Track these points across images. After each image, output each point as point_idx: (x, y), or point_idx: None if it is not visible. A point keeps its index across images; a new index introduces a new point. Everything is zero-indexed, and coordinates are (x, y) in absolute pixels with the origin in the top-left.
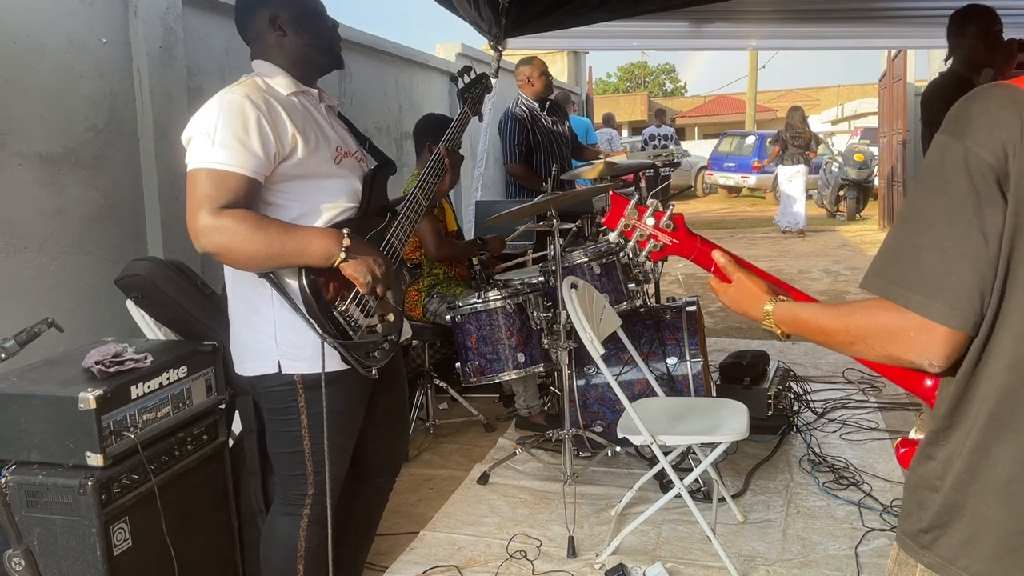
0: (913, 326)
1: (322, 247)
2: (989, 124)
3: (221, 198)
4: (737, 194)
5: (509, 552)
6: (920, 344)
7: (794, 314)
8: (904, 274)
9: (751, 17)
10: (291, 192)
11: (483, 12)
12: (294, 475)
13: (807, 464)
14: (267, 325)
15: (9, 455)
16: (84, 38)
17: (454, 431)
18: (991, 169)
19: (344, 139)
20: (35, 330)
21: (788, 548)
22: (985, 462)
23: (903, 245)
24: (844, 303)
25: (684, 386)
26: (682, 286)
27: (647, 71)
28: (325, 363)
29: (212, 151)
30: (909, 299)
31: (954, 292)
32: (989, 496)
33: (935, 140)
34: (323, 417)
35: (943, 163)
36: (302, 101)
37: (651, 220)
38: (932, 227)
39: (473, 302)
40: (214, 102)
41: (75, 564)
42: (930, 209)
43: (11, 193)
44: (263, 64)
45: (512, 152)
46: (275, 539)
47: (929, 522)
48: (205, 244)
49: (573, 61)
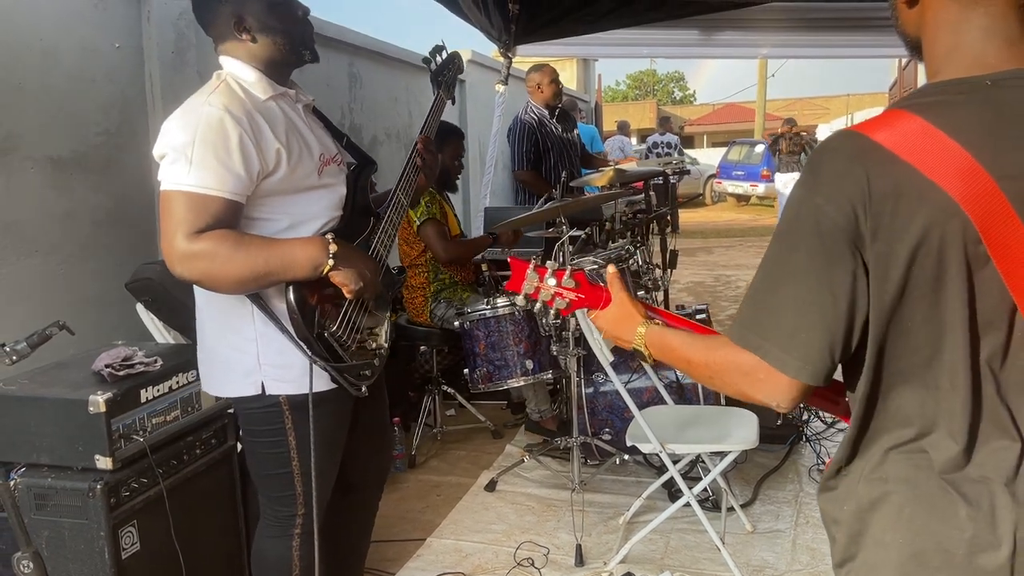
0: (763, 370)
1: (308, 256)
2: (837, 180)
3: (199, 222)
4: (746, 203)
5: (516, 560)
6: (769, 387)
7: (664, 340)
8: (761, 326)
9: (762, 25)
10: (275, 206)
11: (493, 19)
12: (283, 496)
13: (816, 474)
14: (248, 344)
15: (19, 457)
16: (97, 43)
17: (461, 437)
18: (840, 230)
19: (325, 143)
20: (46, 333)
21: (797, 558)
22: (882, 487)
23: (761, 298)
24: (707, 336)
25: (693, 394)
26: (692, 294)
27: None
28: (312, 384)
29: (189, 172)
30: (767, 351)
31: (805, 348)
32: (885, 521)
33: (793, 191)
34: (311, 438)
35: (797, 219)
36: (281, 106)
37: (552, 280)
38: (786, 283)
39: (482, 308)
40: (190, 115)
41: (83, 567)
42: (787, 265)
43: (22, 196)
44: (233, 63)
45: (521, 159)
46: (268, 562)
47: (840, 556)
48: (182, 272)
49: (582, 69)
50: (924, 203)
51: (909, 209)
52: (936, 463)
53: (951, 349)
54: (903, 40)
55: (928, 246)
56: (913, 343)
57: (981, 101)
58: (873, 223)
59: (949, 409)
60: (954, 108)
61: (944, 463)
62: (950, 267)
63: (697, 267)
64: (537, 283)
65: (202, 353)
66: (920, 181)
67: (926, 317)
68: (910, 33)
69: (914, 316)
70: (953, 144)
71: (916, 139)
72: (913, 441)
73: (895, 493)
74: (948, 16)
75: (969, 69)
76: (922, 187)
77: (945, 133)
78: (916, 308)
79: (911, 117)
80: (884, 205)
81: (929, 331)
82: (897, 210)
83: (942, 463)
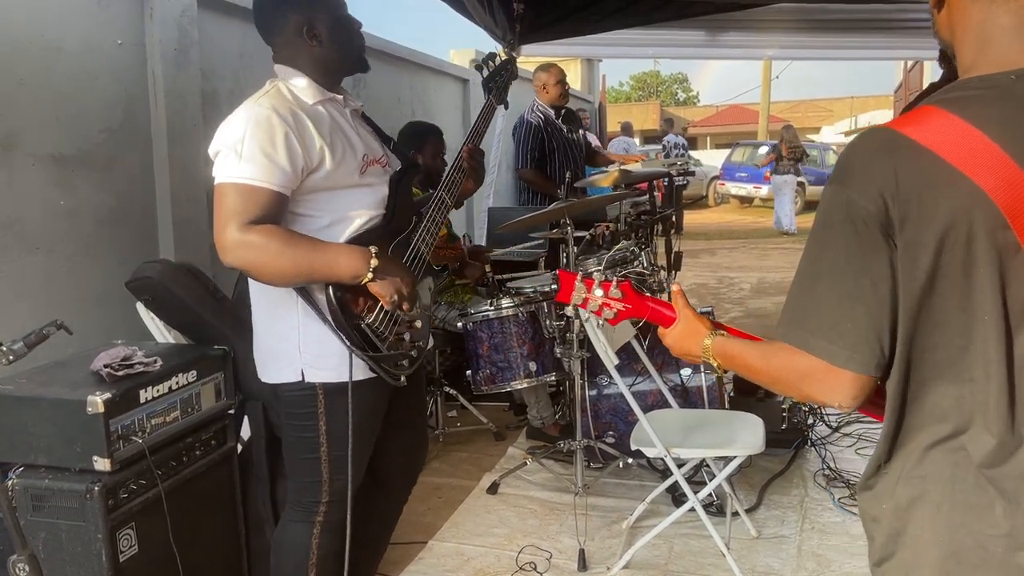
0: (820, 369)
1: (350, 266)
2: (867, 173)
3: (249, 213)
4: (749, 204)
5: (519, 564)
6: (828, 386)
7: (727, 349)
8: (807, 321)
9: (767, 27)
10: (319, 203)
11: (498, 18)
12: (310, 482)
13: (822, 479)
14: (291, 333)
15: (16, 458)
16: (99, 40)
17: (464, 439)
18: (873, 217)
19: (370, 145)
20: (44, 332)
21: (803, 564)
22: (921, 486)
23: (804, 294)
24: (767, 343)
25: (698, 398)
26: (695, 296)
27: (660, 80)
28: (352, 374)
29: (239, 165)
30: (813, 345)
31: (851, 337)
32: (925, 520)
33: (825, 190)
34: (346, 425)
35: (830, 214)
36: (328, 109)
37: (600, 292)
38: (826, 277)
39: (485, 309)
40: (241, 114)
41: (80, 570)
42: (824, 259)
43: (24, 194)
44: (286, 70)
45: (525, 158)
46: (286, 547)
47: (879, 555)
48: (232, 260)
49: (587, 69)
50: (952, 192)
51: (936, 197)
52: (974, 459)
53: (983, 339)
54: (941, 44)
55: (956, 233)
56: (945, 334)
57: (1007, 96)
58: (901, 211)
59: (984, 402)
60: (982, 102)
61: (982, 458)
62: (980, 256)
63: (700, 269)
64: (585, 294)
65: (255, 342)
66: (948, 171)
67: (957, 307)
68: (945, 37)
69: (945, 306)
70: (981, 136)
71: (945, 132)
72: (951, 437)
73: (934, 491)
74: (972, 16)
75: (995, 66)
76: (950, 177)
77: (973, 125)
78: (947, 298)
79: (940, 112)
80: (912, 194)
81: (961, 321)
82: (924, 198)
83: (980, 459)
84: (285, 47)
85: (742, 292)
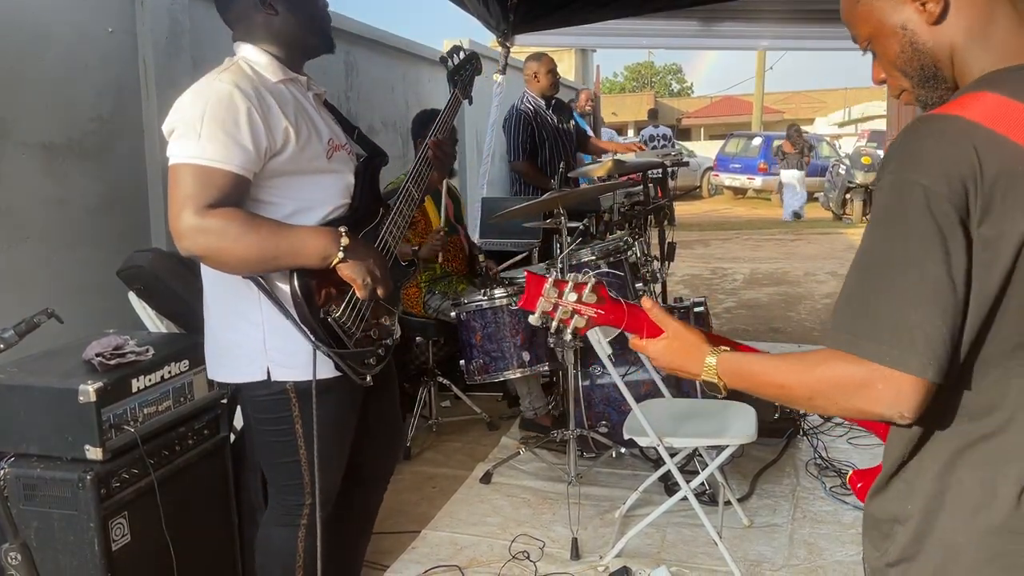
0: (880, 379)
1: (318, 247)
2: (945, 159)
3: (207, 197)
4: (743, 195)
5: (512, 553)
6: (890, 397)
7: (741, 367)
8: (873, 327)
9: (761, 17)
10: (282, 189)
11: (491, 8)
12: (291, 484)
13: (814, 468)
14: (254, 329)
15: (7, 447)
16: (90, 28)
17: (457, 429)
18: (954, 209)
19: (334, 131)
20: (35, 321)
21: (795, 553)
22: (955, 488)
23: (869, 295)
24: (797, 355)
25: (691, 387)
26: (688, 287)
27: (654, 71)
28: (316, 371)
29: (198, 145)
30: (885, 354)
31: (928, 343)
32: (959, 523)
33: (889, 179)
34: (322, 425)
35: (902, 204)
36: (291, 90)
37: (572, 295)
38: (899, 275)
39: (479, 299)
40: (198, 90)
41: (73, 559)
42: (895, 255)
43: (14, 182)
44: (247, 47)
45: (517, 149)
46: (272, 550)
47: (897, 555)
48: (189, 246)
49: (580, 59)
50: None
51: (1021, 187)
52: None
53: None
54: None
55: None
56: (1004, 330)
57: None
58: (984, 202)
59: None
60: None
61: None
62: None
63: (694, 260)
64: (556, 299)
65: (208, 338)
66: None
67: (1022, 303)
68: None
69: (1011, 302)
70: None
71: (1011, 116)
72: (994, 435)
73: (972, 492)
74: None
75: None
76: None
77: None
78: (1015, 294)
79: (995, 97)
80: (996, 183)
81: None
82: (1010, 189)
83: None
84: (241, 20)
85: (735, 283)
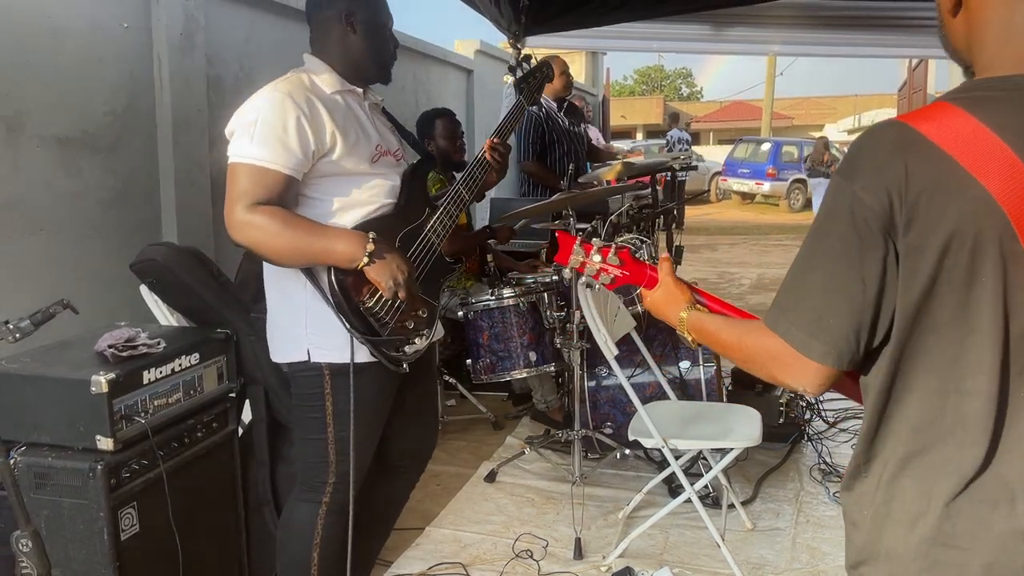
0: (791, 354)
1: (346, 250)
2: (877, 169)
3: (256, 194)
4: (751, 200)
5: (515, 551)
6: (796, 372)
7: (704, 325)
8: (790, 311)
9: (773, 22)
10: (328, 187)
11: (503, 9)
12: (316, 462)
13: (817, 473)
14: (299, 313)
15: (19, 436)
16: (105, 23)
17: (462, 428)
18: (875, 216)
19: (385, 137)
20: (51, 311)
21: (797, 557)
22: (899, 497)
23: (794, 283)
24: (744, 322)
25: (696, 390)
26: None
27: (663, 75)
28: (353, 356)
29: (251, 147)
30: (793, 335)
31: (831, 333)
32: (900, 533)
33: (834, 180)
34: (349, 407)
35: (834, 206)
36: (345, 99)
37: (598, 257)
38: (818, 269)
39: (486, 299)
40: (258, 98)
41: (82, 547)
42: (819, 251)
43: (28, 175)
44: (313, 60)
45: (527, 150)
46: (293, 525)
47: (854, 558)
48: (239, 238)
49: (591, 62)
50: (961, 197)
51: (945, 202)
52: (955, 470)
53: (978, 349)
54: (954, 56)
55: (961, 240)
56: (939, 341)
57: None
58: (908, 213)
59: (973, 412)
60: (999, 104)
61: (964, 470)
62: (984, 264)
63: (701, 264)
64: (583, 258)
65: (268, 323)
66: (960, 175)
67: (955, 315)
68: (959, 46)
69: (943, 312)
70: (997, 140)
71: (960, 133)
72: (931, 447)
73: (911, 506)
74: (996, 13)
75: (1014, 66)
76: (962, 181)
77: (989, 128)
78: (945, 304)
79: (957, 111)
80: (921, 196)
81: (956, 329)
82: (933, 201)
83: (961, 470)
84: (320, 29)
85: (742, 287)
